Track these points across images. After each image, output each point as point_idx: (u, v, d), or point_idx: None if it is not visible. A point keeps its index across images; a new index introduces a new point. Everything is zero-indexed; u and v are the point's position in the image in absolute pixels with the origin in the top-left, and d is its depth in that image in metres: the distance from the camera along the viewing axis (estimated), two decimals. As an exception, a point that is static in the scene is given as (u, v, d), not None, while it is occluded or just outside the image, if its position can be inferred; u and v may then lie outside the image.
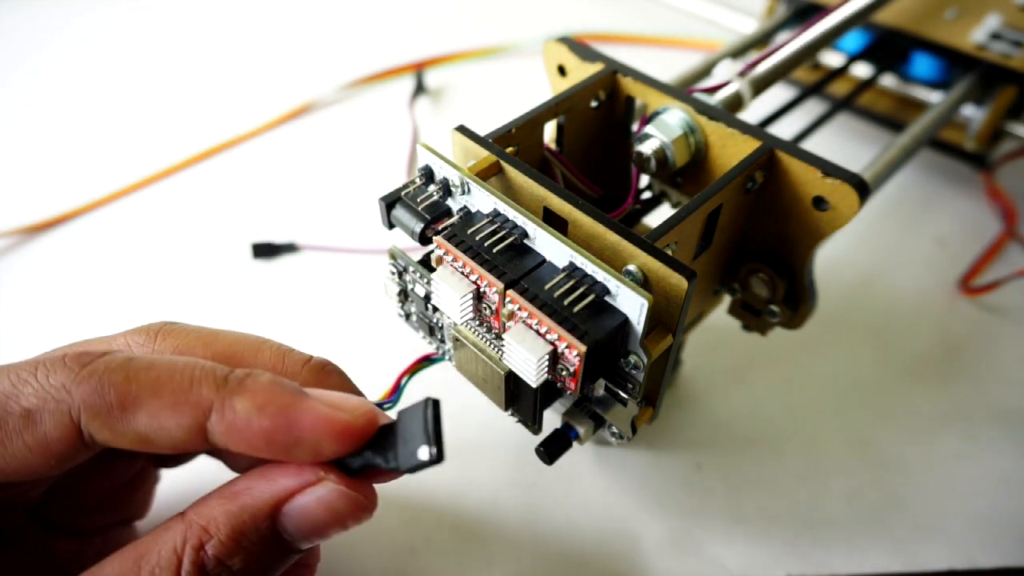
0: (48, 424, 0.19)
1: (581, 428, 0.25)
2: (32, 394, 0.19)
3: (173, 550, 0.19)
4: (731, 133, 0.26)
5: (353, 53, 0.62)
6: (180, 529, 0.19)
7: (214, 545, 0.19)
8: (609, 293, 0.20)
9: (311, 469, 0.20)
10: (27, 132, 0.54)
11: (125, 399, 0.19)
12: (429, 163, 0.24)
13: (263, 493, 0.19)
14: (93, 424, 0.19)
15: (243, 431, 0.19)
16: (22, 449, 0.19)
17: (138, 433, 0.19)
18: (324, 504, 0.19)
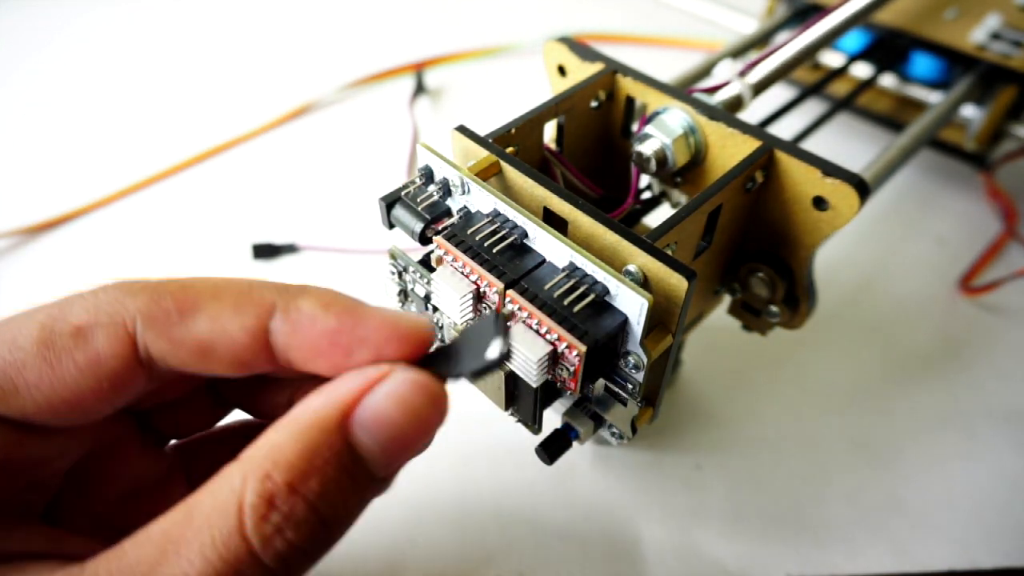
0: (101, 339, 0.17)
1: (581, 428, 0.25)
2: (82, 310, 0.18)
3: (231, 490, 0.16)
4: (731, 133, 0.26)
5: (353, 53, 0.62)
6: (237, 467, 0.16)
7: (282, 469, 0.16)
8: (609, 293, 0.20)
9: (373, 367, 0.18)
10: (27, 132, 0.54)
11: (183, 303, 0.18)
12: (429, 163, 0.24)
13: (328, 403, 0.17)
14: (150, 333, 0.17)
15: (308, 330, 0.18)
16: (72, 371, 0.17)
17: (198, 340, 0.18)
18: (397, 399, 0.17)
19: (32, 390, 0.17)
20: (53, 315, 0.18)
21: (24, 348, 0.17)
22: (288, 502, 0.15)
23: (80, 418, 0.18)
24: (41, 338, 0.17)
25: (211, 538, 0.15)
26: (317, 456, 0.16)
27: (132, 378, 0.18)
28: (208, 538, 0.15)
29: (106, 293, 0.18)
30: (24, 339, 0.17)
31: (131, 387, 0.18)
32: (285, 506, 0.15)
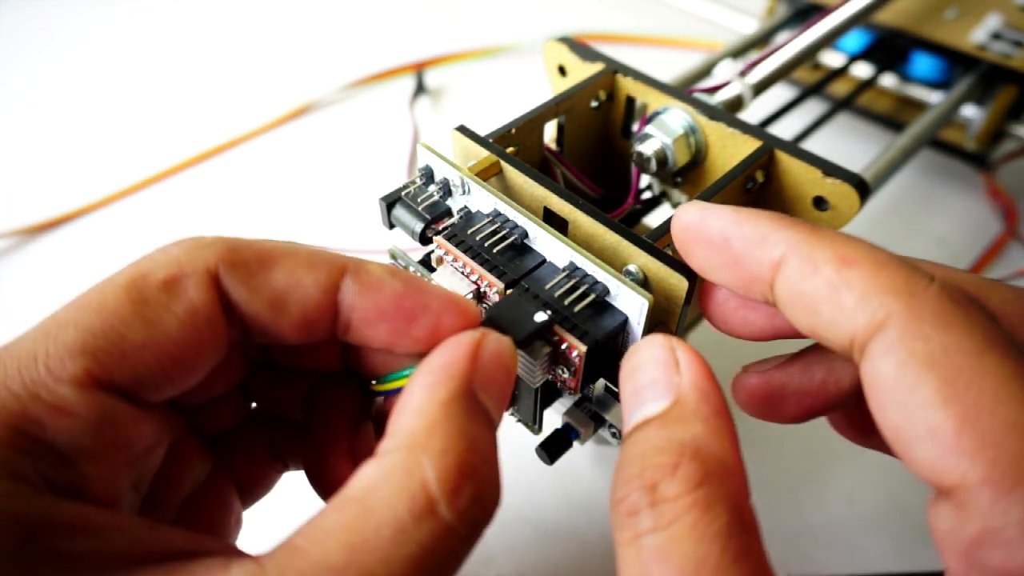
0: (191, 288, 0.17)
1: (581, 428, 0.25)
2: (165, 264, 0.17)
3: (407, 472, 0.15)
4: (731, 133, 0.26)
5: (353, 53, 0.62)
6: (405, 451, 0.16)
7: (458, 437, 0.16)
8: (609, 293, 0.20)
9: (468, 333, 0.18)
10: (27, 132, 0.54)
11: (261, 255, 0.18)
12: (429, 163, 0.24)
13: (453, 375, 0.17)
14: (231, 279, 0.17)
15: (377, 291, 0.18)
16: (173, 325, 0.17)
17: (274, 291, 0.18)
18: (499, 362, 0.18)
19: (138, 352, 0.16)
20: (138, 273, 0.17)
21: (116, 311, 0.16)
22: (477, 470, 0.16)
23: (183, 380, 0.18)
24: (132, 297, 0.17)
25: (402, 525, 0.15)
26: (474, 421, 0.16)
27: (222, 330, 0.18)
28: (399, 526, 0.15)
29: (180, 246, 0.18)
30: (114, 302, 0.17)
31: (221, 341, 0.18)
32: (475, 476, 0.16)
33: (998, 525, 0.13)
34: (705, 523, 0.15)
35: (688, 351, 0.18)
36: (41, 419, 0.15)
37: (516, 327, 0.19)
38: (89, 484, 0.16)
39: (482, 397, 0.17)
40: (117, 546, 0.15)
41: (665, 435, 0.16)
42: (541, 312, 0.20)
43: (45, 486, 0.15)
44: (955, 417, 0.13)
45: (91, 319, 0.16)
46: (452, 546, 0.15)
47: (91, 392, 0.16)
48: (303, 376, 0.23)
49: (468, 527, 0.15)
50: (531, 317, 0.19)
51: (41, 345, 0.16)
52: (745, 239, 0.17)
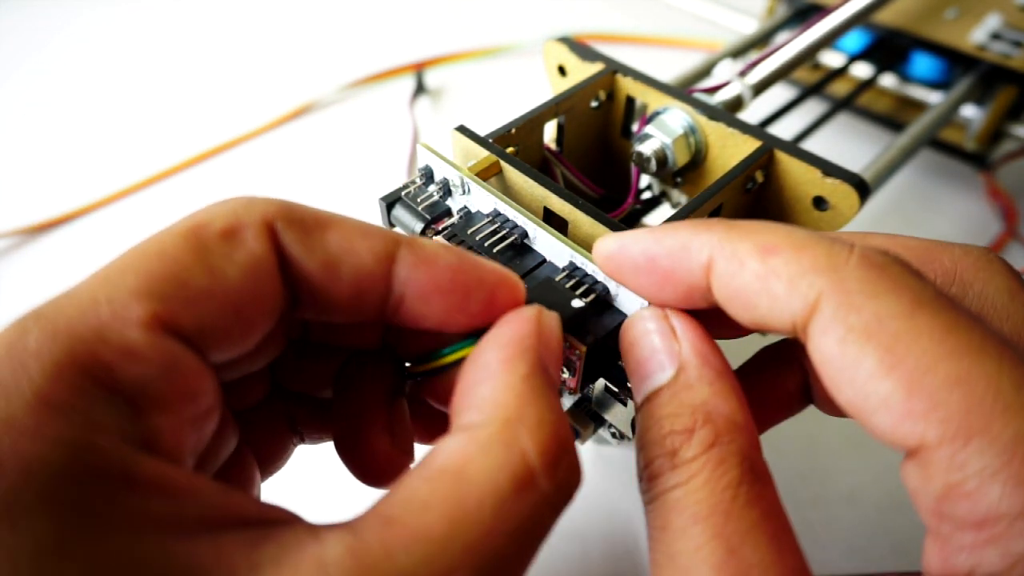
0: (251, 238, 0.16)
1: (581, 428, 0.25)
2: (223, 215, 0.17)
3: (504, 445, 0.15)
4: (731, 133, 0.26)
5: (353, 53, 0.62)
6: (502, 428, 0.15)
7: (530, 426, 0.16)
8: (609, 293, 0.20)
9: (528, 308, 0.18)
10: (27, 132, 0.54)
11: (317, 217, 0.18)
12: (429, 163, 0.24)
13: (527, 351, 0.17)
14: (288, 234, 0.17)
15: (432, 263, 0.18)
16: (236, 273, 0.16)
17: (328, 252, 0.17)
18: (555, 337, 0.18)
19: (203, 299, 0.15)
20: (196, 222, 0.17)
21: (178, 257, 0.16)
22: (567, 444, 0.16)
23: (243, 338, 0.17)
24: (193, 245, 0.16)
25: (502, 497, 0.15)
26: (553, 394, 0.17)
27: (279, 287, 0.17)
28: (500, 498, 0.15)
29: (237, 200, 0.17)
30: (175, 249, 0.16)
31: (278, 300, 0.17)
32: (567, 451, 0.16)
33: (959, 479, 0.13)
34: (717, 476, 0.16)
35: (682, 317, 0.18)
36: (111, 363, 0.14)
37: None
38: (160, 438, 0.15)
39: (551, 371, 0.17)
40: (197, 510, 0.14)
41: (676, 403, 0.17)
42: (578, 299, 0.20)
43: (121, 438, 0.14)
44: (901, 383, 0.14)
45: (152, 265, 0.15)
46: (547, 517, 0.15)
47: (160, 336, 0.15)
48: (335, 353, 0.22)
49: (564, 498, 0.16)
50: (568, 303, 0.20)
51: (102, 290, 0.15)
52: (669, 253, 0.18)
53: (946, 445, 0.14)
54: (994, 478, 0.13)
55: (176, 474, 0.14)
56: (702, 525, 0.15)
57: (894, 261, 0.15)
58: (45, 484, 0.12)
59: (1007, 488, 0.13)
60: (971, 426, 0.13)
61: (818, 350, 0.15)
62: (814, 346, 0.15)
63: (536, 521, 0.15)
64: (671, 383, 0.17)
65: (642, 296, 0.19)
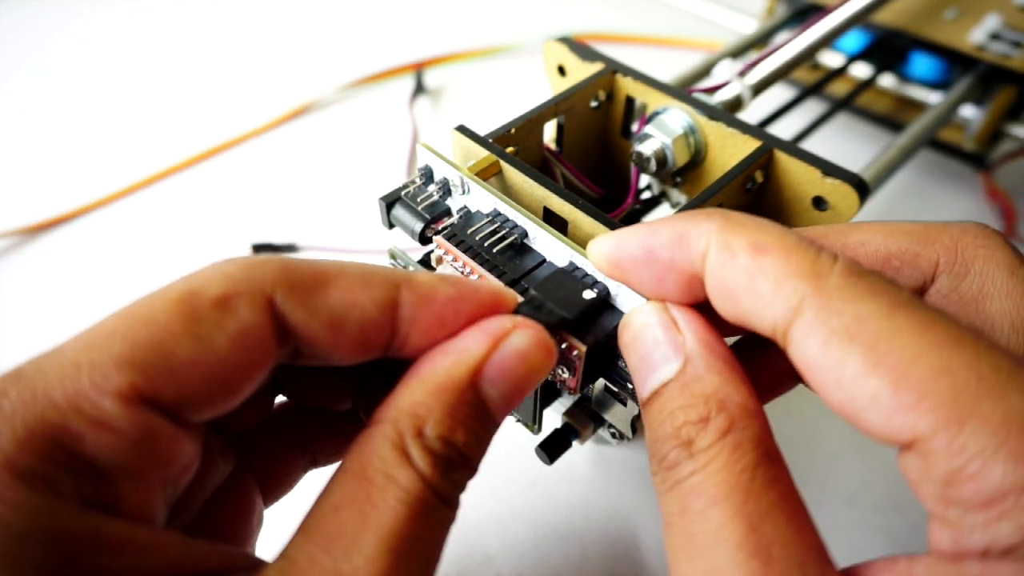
0: (245, 309, 0.16)
1: (581, 428, 0.25)
2: (219, 281, 0.17)
3: (392, 446, 0.16)
4: (731, 133, 0.26)
5: (353, 53, 0.62)
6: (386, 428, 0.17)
7: (433, 425, 0.17)
8: (609, 293, 0.20)
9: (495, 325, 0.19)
10: (27, 132, 0.54)
11: (317, 276, 0.18)
12: (429, 163, 0.24)
13: (460, 362, 0.18)
14: (288, 302, 0.17)
15: (432, 300, 0.18)
16: (224, 344, 0.16)
17: (331, 311, 0.17)
18: (521, 356, 0.18)
19: (186, 369, 0.15)
20: (190, 288, 0.16)
21: (167, 325, 0.16)
22: (445, 451, 0.17)
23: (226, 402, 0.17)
24: (184, 312, 0.16)
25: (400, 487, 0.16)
26: (459, 411, 0.17)
27: (273, 352, 0.17)
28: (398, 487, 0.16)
29: (233, 264, 0.17)
30: (164, 316, 0.16)
31: (269, 363, 0.17)
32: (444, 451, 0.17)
33: (961, 463, 0.14)
34: (735, 459, 0.16)
35: (683, 308, 0.18)
36: (81, 433, 0.14)
37: (565, 304, 0.20)
38: (125, 501, 0.15)
39: (487, 388, 0.18)
40: (155, 564, 0.15)
41: (688, 394, 0.17)
42: (589, 290, 0.20)
43: (82, 502, 0.14)
44: (887, 379, 0.14)
45: (139, 331, 0.15)
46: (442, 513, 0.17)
47: (135, 408, 0.15)
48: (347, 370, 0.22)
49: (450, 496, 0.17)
50: (580, 294, 0.20)
51: (85, 355, 0.15)
52: (667, 243, 0.18)
53: (941, 432, 0.14)
54: (995, 457, 0.13)
55: (139, 533, 0.15)
56: (722, 505, 0.16)
57: (873, 271, 0.16)
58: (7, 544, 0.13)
59: (1009, 464, 0.13)
60: (962, 411, 0.14)
61: (802, 353, 0.15)
62: (797, 349, 0.16)
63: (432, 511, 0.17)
64: (679, 375, 0.17)
65: (644, 292, 0.19)
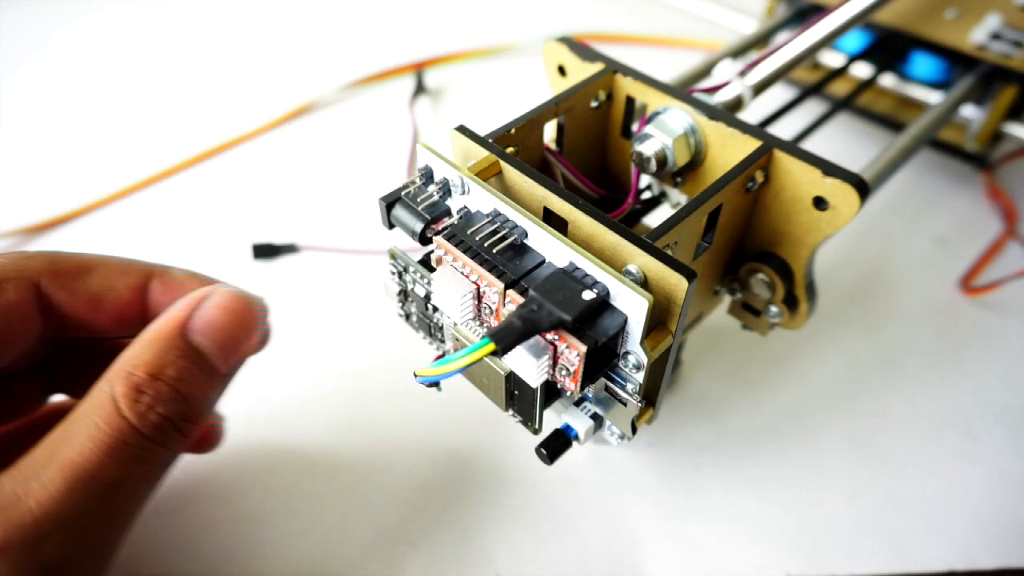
0: (10, 291, 0.21)
1: (581, 428, 0.25)
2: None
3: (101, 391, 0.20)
4: (731, 133, 0.26)
5: (353, 53, 0.62)
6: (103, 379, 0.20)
7: (141, 367, 0.20)
8: (609, 293, 0.20)
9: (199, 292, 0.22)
10: (27, 132, 0.54)
11: (80, 265, 0.22)
12: (429, 163, 0.24)
13: (166, 320, 0.21)
14: (52, 285, 0.22)
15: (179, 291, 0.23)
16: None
17: (91, 292, 0.22)
18: (220, 307, 0.22)
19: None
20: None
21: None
22: (152, 387, 0.20)
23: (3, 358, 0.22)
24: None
25: (95, 424, 0.19)
26: (168, 354, 0.21)
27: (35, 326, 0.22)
28: (92, 425, 0.19)
29: (7, 257, 0.22)
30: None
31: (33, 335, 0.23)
32: (151, 389, 0.20)
33: None
34: None
35: None
36: None
37: (565, 305, 0.20)
38: None
39: (196, 339, 0.21)
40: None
41: None
42: (589, 290, 0.20)
43: None
44: None
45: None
46: (140, 443, 0.20)
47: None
48: None
49: (153, 429, 0.20)
50: (580, 294, 0.20)
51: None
52: None
53: None
54: None
55: None
56: None
57: None
58: None
59: None
60: None
61: None
62: None
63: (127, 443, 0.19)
64: None
65: None
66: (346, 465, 0.33)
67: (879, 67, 0.46)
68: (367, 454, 0.34)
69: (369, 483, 0.33)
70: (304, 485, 0.32)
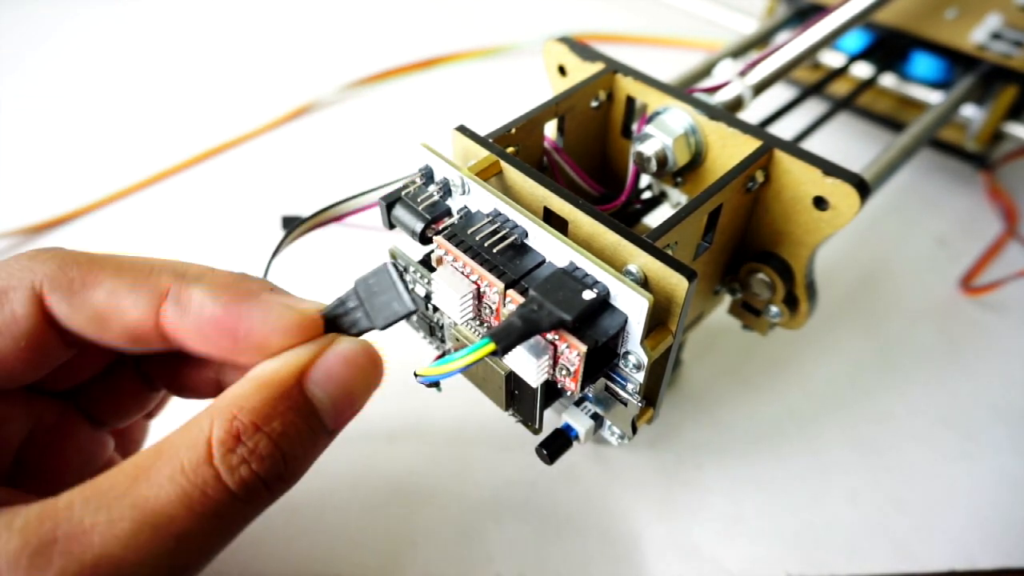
0: (15, 300, 0.19)
1: (581, 428, 0.25)
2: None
3: (199, 429, 0.18)
4: (731, 133, 0.26)
5: (353, 53, 0.62)
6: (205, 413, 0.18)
7: (247, 412, 0.18)
8: (609, 293, 0.20)
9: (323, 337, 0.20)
10: (27, 132, 0.54)
11: (87, 275, 0.20)
12: (429, 163, 0.24)
13: (286, 364, 0.19)
14: (54, 295, 0.20)
15: (195, 317, 0.20)
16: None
17: (95, 309, 0.20)
18: (345, 360, 0.20)
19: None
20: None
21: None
22: (253, 438, 0.18)
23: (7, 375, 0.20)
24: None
25: (180, 466, 0.17)
26: (279, 403, 0.18)
27: (46, 339, 0.20)
28: (177, 466, 0.17)
29: (17, 261, 0.20)
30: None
31: (46, 349, 0.20)
32: (250, 441, 0.18)
33: None
34: None
35: None
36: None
37: (565, 305, 0.20)
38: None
39: (314, 389, 0.19)
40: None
41: None
42: (589, 290, 0.20)
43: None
44: None
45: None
46: (223, 499, 0.18)
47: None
48: None
49: (240, 486, 0.18)
50: (580, 294, 0.20)
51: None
52: None
53: None
54: None
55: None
56: None
57: None
58: None
59: None
60: None
61: None
62: None
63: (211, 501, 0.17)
64: None
65: None
66: (346, 465, 0.33)
67: (879, 67, 0.46)
68: (367, 454, 0.34)
69: (369, 483, 0.33)
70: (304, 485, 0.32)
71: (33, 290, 0.20)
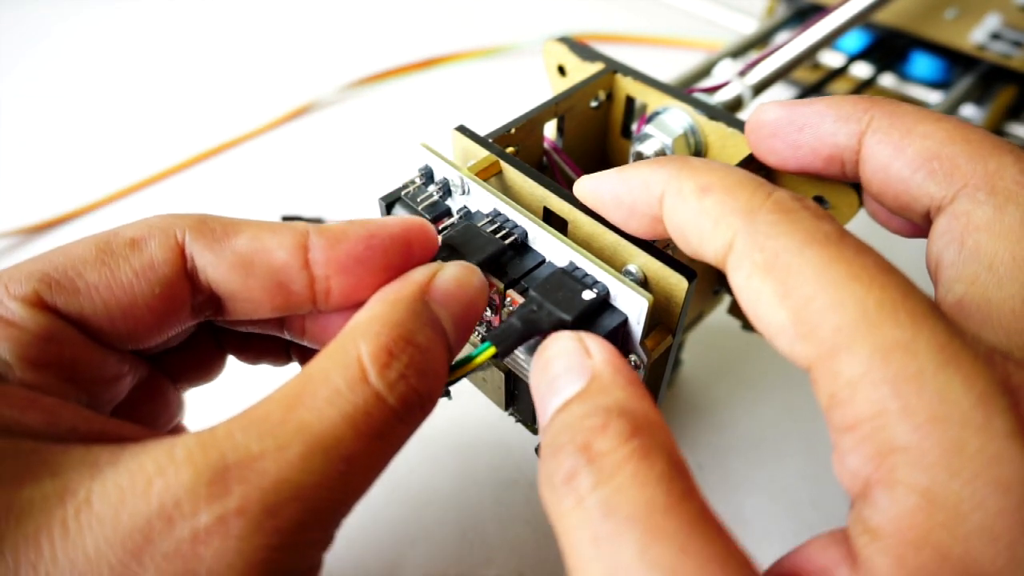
0: (154, 247, 0.19)
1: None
2: (136, 227, 0.20)
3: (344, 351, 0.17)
4: (731, 133, 0.26)
5: (353, 53, 0.62)
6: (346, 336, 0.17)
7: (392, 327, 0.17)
8: (609, 293, 0.20)
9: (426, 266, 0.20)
10: (27, 132, 0.54)
11: (227, 226, 0.20)
12: (429, 163, 0.24)
13: (407, 285, 0.19)
14: (196, 244, 0.19)
15: (343, 240, 0.20)
16: (128, 274, 0.19)
17: (239, 254, 0.20)
18: (457, 280, 0.20)
19: (92, 291, 0.19)
20: (111, 231, 0.20)
21: (81, 255, 0.19)
22: (406, 351, 0.17)
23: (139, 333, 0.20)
24: (99, 247, 0.19)
25: (336, 388, 0.16)
26: (418, 318, 0.18)
27: (180, 294, 0.20)
28: (334, 388, 0.16)
29: (156, 216, 0.20)
30: (81, 249, 0.19)
31: (177, 304, 0.20)
32: (404, 355, 0.17)
33: (833, 390, 0.15)
34: (646, 468, 0.15)
35: (597, 339, 0.18)
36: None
37: (565, 305, 0.20)
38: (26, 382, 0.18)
39: (436, 308, 0.19)
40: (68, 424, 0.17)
41: (588, 405, 0.16)
42: (589, 290, 0.20)
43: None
44: (790, 312, 0.15)
45: (55, 256, 0.19)
46: (385, 417, 0.17)
47: (37, 311, 0.18)
48: None
49: (400, 402, 0.17)
50: (580, 294, 0.20)
51: (7, 271, 0.19)
52: (630, 190, 0.20)
53: (821, 362, 0.15)
54: (858, 385, 0.14)
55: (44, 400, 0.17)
56: (642, 526, 0.14)
57: (804, 206, 0.17)
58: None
59: (865, 392, 0.14)
60: (839, 343, 0.15)
61: (733, 284, 0.17)
62: (731, 280, 0.17)
63: (372, 416, 0.17)
64: (582, 391, 0.17)
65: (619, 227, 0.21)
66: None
67: (879, 67, 0.46)
68: (367, 454, 0.34)
69: (369, 483, 0.33)
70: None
71: (174, 238, 0.19)
